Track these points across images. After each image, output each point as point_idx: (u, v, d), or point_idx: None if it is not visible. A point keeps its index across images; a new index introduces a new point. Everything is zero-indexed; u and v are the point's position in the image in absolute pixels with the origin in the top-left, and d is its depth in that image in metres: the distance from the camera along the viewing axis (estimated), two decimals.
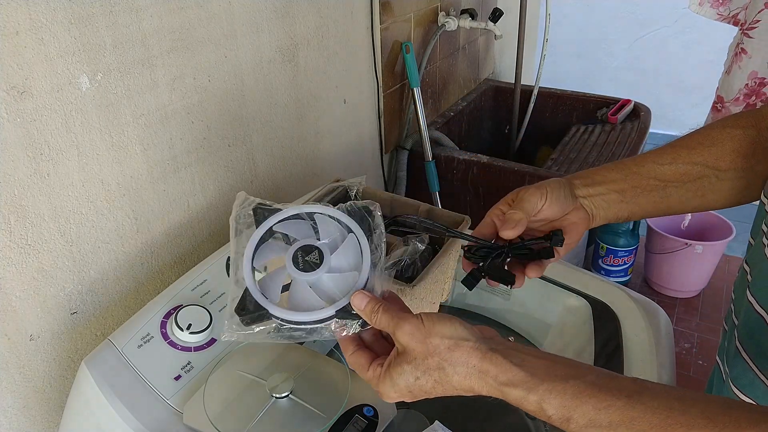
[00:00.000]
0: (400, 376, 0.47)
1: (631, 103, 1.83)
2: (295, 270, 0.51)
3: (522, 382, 0.44)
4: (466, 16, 1.68)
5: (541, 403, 0.43)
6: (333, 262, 0.52)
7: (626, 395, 0.42)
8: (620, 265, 2.06)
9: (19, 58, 0.68)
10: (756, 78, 1.49)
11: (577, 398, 0.42)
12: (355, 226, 0.54)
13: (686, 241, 1.97)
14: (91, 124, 0.78)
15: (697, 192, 0.62)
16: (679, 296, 2.13)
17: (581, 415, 0.42)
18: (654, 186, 0.63)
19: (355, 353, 0.51)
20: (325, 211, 0.54)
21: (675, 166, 0.62)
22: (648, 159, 0.63)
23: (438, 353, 0.46)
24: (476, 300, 0.99)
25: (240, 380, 0.66)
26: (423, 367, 0.46)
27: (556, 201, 0.61)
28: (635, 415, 0.41)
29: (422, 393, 0.48)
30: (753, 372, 0.57)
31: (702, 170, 0.62)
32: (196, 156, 0.96)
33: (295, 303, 0.51)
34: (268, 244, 0.53)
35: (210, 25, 0.93)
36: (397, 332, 0.47)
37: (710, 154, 0.62)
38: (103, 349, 0.69)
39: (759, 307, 0.56)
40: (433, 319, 0.47)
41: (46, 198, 0.75)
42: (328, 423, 0.61)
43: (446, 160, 1.57)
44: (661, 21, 3.26)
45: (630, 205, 0.63)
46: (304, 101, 1.20)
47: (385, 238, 0.55)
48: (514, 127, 2.01)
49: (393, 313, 0.48)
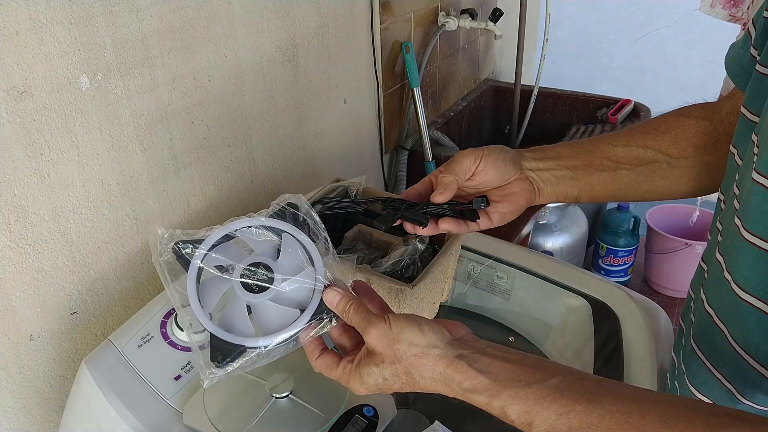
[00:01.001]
0: (368, 376, 0.48)
1: (631, 103, 1.83)
2: (252, 295, 0.49)
3: (485, 389, 0.44)
4: (466, 16, 1.68)
5: (504, 408, 0.44)
6: (283, 269, 0.50)
7: (587, 399, 0.42)
8: (620, 265, 2.06)
9: (19, 58, 0.68)
10: None
11: (539, 404, 0.43)
12: (285, 225, 0.52)
13: (686, 241, 1.97)
14: (91, 124, 0.78)
15: (648, 176, 0.63)
16: (679, 296, 2.13)
17: (542, 420, 0.42)
18: (606, 166, 0.63)
19: (321, 356, 0.52)
20: (247, 223, 0.52)
21: (628, 148, 0.63)
22: (602, 140, 0.64)
23: (405, 359, 0.47)
24: (476, 300, 0.99)
25: (240, 380, 0.66)
26: (390, 370, 0.47)
27: (493, 165, 0.61)
28: (593, 420, 0.41)
29: (391, 390, 0.49)
30: (708, 371, 0.57)
31: (654, 155, 0.62)
32: (196, 156, 0.96)
33: (267, 325, 0.49)
34: (208, 280, 0.50)
35: (210, 25, 0.93)
36: (366, 335, 0.48)
37: (663, 140, 0.62)
38: (103, 349, 0.69)
39: (708, 306, 0.56)
40: (401, 325, 0.47)
41: (46, 198, 0.75)
42: (328, 423, 0.61)
43: (446, 160, 1.56)
44: (661, 21, 3.26)
45: (581, 183, 0.63)
46: (304, 101, 1.20)
47: (322, 224, 0.53)
48: (514, 127, 2.01)
49: (363, 314, 0.49)
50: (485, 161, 0.61)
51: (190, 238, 0.50)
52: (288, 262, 0.51)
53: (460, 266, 0.96)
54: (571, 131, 1.81)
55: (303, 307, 0.51)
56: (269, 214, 0.53)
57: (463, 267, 0.97)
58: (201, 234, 0.50)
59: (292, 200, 0.54)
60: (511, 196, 0.63)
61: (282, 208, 0.53)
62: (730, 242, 0.51)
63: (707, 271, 0.58)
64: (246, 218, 0.52)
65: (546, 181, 0.63)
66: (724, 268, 0.52)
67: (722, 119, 0.62)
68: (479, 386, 0.45)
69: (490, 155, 0.61)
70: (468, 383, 0.45)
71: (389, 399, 0.65)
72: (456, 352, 0.46)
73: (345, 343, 0.54)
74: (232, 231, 0.51)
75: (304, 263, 0.51)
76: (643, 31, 3.32)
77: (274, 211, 0.53)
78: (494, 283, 0.95)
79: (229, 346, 0.48)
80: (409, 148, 1.61)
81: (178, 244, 0.49)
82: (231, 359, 0.48)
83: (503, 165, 0.62)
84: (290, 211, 0.53)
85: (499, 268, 0.94)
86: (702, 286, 0.58)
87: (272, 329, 0.49)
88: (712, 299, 0.55)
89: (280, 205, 0.54)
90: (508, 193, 0.63)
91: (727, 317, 0.53)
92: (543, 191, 0.64)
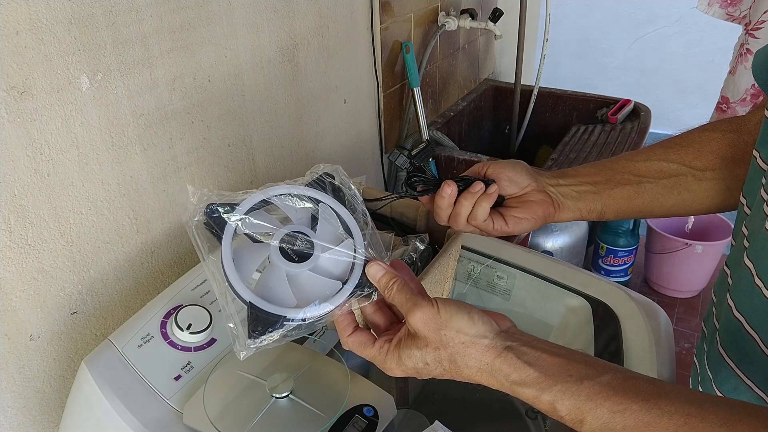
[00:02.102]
0: (408, 359, 0.47)
1: (631, 103, 1.83)
2: (292, 264, 0.47)
3: (535, 382, 0.43)
4: (466, 16, 1.68)
5: (554, 403, 0.43)
6: (322, 240, 0.48)
7: (642, 399, 0.41)
8: (620, 265, 2.06)
9: (19, 58, 0.68)
10: None
11: (592, 400, 0.41)
12: (323, 195, 0.49)
13: (686, 241, 1.97)
14: (91, 124, 0.78)
15: (673, 189, 0.62)
16: (679, 296, 2.13)
17: (595, 418, 0.41)
18: (628, 180, 0.62)
19: (355, 333, 0.50)
20: (286, 190, 0.49)
21: (649, 162, 0.62)
22: (623, 157, 0.64)
23: (451, 346, 0.45)
24: (476, 300, 0.99)
25: (240, 380, 0.66)
26: (434, 355, 0.46)
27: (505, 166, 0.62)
28: (650, 420, 0.40)
29: (429, 376, 0.47)
30: (738, 377, 0.56)
31: (678, 168, 0.61)
32: (196, 156, 0.96)
33: (306, 296, 0.47)
34: (242, 247, 0.48)
35: (210, 25, 0.93)
36: (411, 317, 0.46)
37: (686, 153, 0.61)
38: (103, 349, 0.69)
39: (737, 312, 0.55)
40: (450, 311, 0.46)
41: (46, 198, 0.75)
42: (328, 423, 0.61)
43: (446, 160, 1.57)
44: (661, 21, 3.26)
45: (603, 197, 0.63)
46: (304, 101, 1.20)
47: (360, 196, 0.51)
48: (514, 127, 2.01)
49: (408, 294, 0.47)
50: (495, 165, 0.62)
51: (225, 200, 0.46)
52: (326, 233, 0.48)
53: (460, 266, 0.96)
54: (571, 131, 1.81)
55: (340, 280, 0.49)
56: (306, 183, 0.50)
57: (463, 267, 0.97)
58: (238, 197, 0.47)
59: (328, 170, 0.51)
60: (527, 204, 0.62)
61: (320, 176, 0.51)
62: (761, 247, 0.50)
63: (731, 276, 0.57)
64: (284, 185, 0.49)
65: (566, 195, 0.63)
66: (755, 274, 0.51)
67: (751, 131, 0.60)
68: (528, 379, 0.44)
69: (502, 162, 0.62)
70: (516, 375, 0.44)
71: (389, 399, 0.65)
72: (505, 343, 0.45)
73: (379, 321, 0.51)
74: (270, 197, 0.48)
75: (343, 235, 0.49)
76: (644, 30, 3.33)
77: (312, 179, 0.50)
78: (494, 283, 0.95)
79: (270, 317, 0.45)
80: (409, 148, 1.60)
81: (210, 206, 0.46)
82: (271, 330, 0.46)
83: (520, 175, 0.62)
84: (328, 181, 0.51)
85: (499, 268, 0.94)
86: (728, 292, 0.56)
87: (311, 301, 0.47)
88: (742, 305, 0.54)
89: (316, 173, 0.51)
90: (524, 200, 0.63)
91: (758, 324, 0.51)
92: (564, 205, 0.63)
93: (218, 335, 0.73)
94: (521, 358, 0.44)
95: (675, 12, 3.16)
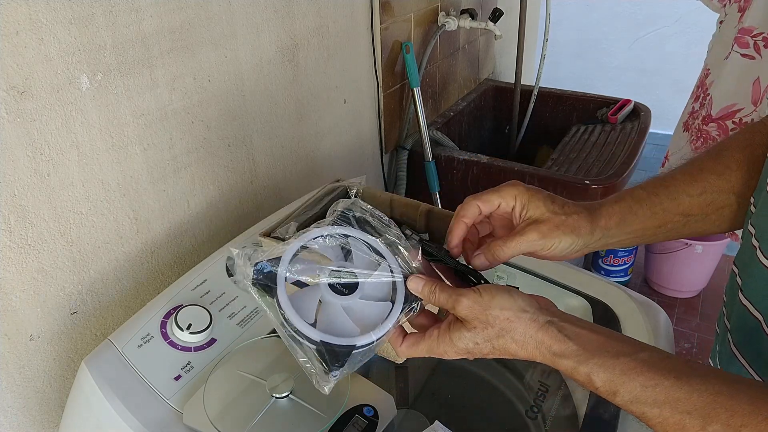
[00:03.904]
0: (459, 340, 0.50)
1: (631, 103, 1.83)
2: (343, 297, 0.51)
3: (574, 355, 0.46)
4: (466, 16, 1.68)
5: (590, 375, 0.45)
6: (360, 267, 0.53)
7: (675, 376, 0.43)
8: (620, 265, 2.06)
9: (19, 58, 0.68)
10: (706, 70, 1.52)
11: (625, 375, 0.44)
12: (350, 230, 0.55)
13: (686, 241, 1.97)
14: (91, 124, 0.78)
15: (715, 222, 0.60)
16: (679, 296, 2.13)
17: (627, 391, 0.44)
18: (677, 223, 0.59)
19: (405, 340, 0.53)
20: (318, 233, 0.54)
21: (704, 196, 0.58)
22: (680, 189, 0.59)
23: (498, 323, 0.48)
24: None
25: (240, 380, 0.66)
26: (483, 335, 0.49)
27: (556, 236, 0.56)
28: (680, 396, 0.42)
29: (480, 355, 0.50)
30: (751, 377, 0.55)
31: (726, 198, 0.59)
32: (196, 156, 0.96)
33: (365, 322, 0.52)
34: (296, 294, 0.52)
35: (210, 25, 0.93)
36: (458, 307, 0.49)
37: (737, 179, 0.58)
38: (103, 349, 0.69)
39: (755, 311, 0.54)
40: (491, 292, 0.49)
41: (46, 198, 0.75)
42: (328, 423, 0.61)
43: (446, 160, 1.57)
44: (661, 21, 3.26)
45: (639, 241, 0.60)
46: (304, 101, 1.20)
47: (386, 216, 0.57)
48: (514, 127, 2.01)
49: (449, 291, 0.51)
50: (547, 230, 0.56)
51: (268, 256, 0.52)
52: (362, 262, 0.54)
53: None
54: (571, 131, 1.81)
55: (386, 300, 0.54)
56: (330, 222, 0.56)
57: None
58: (278, 250, 0.52)
59: (348, 205, 0.57)
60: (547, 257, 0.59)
61: (342, 212, 0.57)
62: None
63: (739, 275, 0.57)
64: (316, 229, 0.54)
65: (601, 246, 0.59)
66: None
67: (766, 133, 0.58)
68: (567, 351, 0.46)
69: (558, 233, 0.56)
70: (557, 347, 0.47)
71: (389, 399, 0.65)
72: (546, 318, 0.48)
73: (423, 322, 0.55)
74: (306, 242, 0.54)
75: (377, 260, 0.54)
76: (643, 30, 3.33)
77: (336, 216, 0.56)
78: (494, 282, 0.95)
79: (343, 348, 0.50)
80: (409, 148, 1.61)
81: (258, 264, 0.51)
82: (347, 359, 0.50)
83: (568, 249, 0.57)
84: (351, 215, 0.57)
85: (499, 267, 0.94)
86: (740, 291, 0.56)
87: (371, 324, 0.51)
88: (759, 303, 0.54)
89: (338, 211, 0.57)
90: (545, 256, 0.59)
91: None
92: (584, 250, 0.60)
93: (218, 335, 0.73)
94: (562, 332, 0.47)
95: (675, 12, 3.16)
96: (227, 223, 1.06)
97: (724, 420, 0.40)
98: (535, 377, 0.80)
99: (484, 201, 0.57)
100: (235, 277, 0.52)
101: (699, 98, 1.56)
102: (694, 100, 1.59)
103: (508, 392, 0.79)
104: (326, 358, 0.50)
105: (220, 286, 0.78)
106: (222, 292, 0.77)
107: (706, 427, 0.41)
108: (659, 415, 0.43)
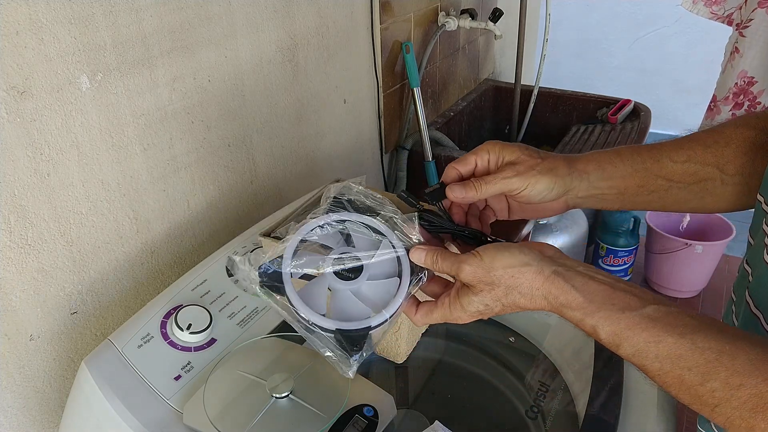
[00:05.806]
0: (469, 305, 0.50)
1: (631, 103, 1.83)
2: (350, 282, 0.52)
3: (580, 307, 0.47)
4: (466, 16, 1.68)
5: (596, 327, 0.46)
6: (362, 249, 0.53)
7: (679, 333, 0.43)
8: (620, 265, 2.06)
9: (19, 58, 0.68)
10: (745, 77, 1.50)
11: (630, 329, 0.45)
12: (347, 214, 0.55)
13: (686, 241, 1.97)
14: (91, 124, 0.78)
15: (698, 194, 0.61)
16: (679, 296, 2.13)
17: (630, 345, 0.45)
18: (658, 186, 0.60)
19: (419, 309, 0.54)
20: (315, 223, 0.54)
21: (687, 165, 0.60)
22: (664, 153, 0.60)
23: (503, 282, 0.49)
24: None
25: (240, 380, 0.66)
26: (491, 296, 0.49)
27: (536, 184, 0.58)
28: (683, 353, 0.43)
29: (492, 314, 0.51)
30: None
31: (710, 172, 0.60)
32: (196, 156, 0.96)
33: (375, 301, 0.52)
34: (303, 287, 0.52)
35: (210, 25, 0.93)
36: (460, 273, 0.50)
37: (722, 154, 0.59)
38: (103, 349, 0.69)
39: (755, 308, 0.55)
40: (491, 253, 0.49)
41: (46, 198, 0.75)
42: (328, 423, 0.61)
43: (446, 160, 1.57)
44: (661, 21, 3.26)
45: (623, 203, 0.61)
46: (304, 101, 1.20)
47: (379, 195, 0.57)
48: (514, 127, 2.01)
49: (451, 257, 0.51)
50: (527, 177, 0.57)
51: (269, 258, 0.52)
52: (363, 243, 0.54)
53: None
54: (571, 131, 1.81)
55: (393, 276, 0.54)
56: (326, 210, 0.55)
57: None
58: (278, 249, 0.52)
59: (340, 189, 0.57)
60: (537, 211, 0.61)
61: (335, 197, 0.56)
62: None
63: (751, 273, 0.57)
64: (312, 220, 0.54)
65: (586, 202, 0.61)
66: None
67: None
68: (574, 303, 0.47)
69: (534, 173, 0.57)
70: (564, 298, 0.47)
71: (389, 399, 0.65)
72: (551, 267, 0.48)
73: (435, 289, 0.56)
74: (305, 236, 0.54)
75: (377, 238, 0.55)
76: (644, 30, 3.33)
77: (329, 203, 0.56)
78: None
79: (359, 332, 0.51)
80: (409, 148, 1.61)
81: (262, 266, 0.52)
82: (364, 341, 0.51)
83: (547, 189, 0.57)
84: (345, 199, 0.56)
85: None
86: (747, 289, 0.57)
87: (383, 303, 0.52)
88: (760, 302, 0.54)
89: (329, 198, 0.57)
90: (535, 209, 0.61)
91: None
92: (571, 205, 0.61)
93: (218, 335, 0.73)
94: (568, 282, 0.47)
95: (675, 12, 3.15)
96: (227, 223, 1.06)
97: (723, 378, 0.41)
98: (536, 377, 0.80)
99: (460, 162, 0.59)
100: (242, 283, 0.52)
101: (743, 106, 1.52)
102: (733, 107, 1.54)
103: (508, 392, 0.79)
104: (344, 344, 0.50)
105: (220, 286, 0.78)
106: (222, 292, 0.77)
107: (705, 384, 0.42)
108: (660, 369, 0.44)
